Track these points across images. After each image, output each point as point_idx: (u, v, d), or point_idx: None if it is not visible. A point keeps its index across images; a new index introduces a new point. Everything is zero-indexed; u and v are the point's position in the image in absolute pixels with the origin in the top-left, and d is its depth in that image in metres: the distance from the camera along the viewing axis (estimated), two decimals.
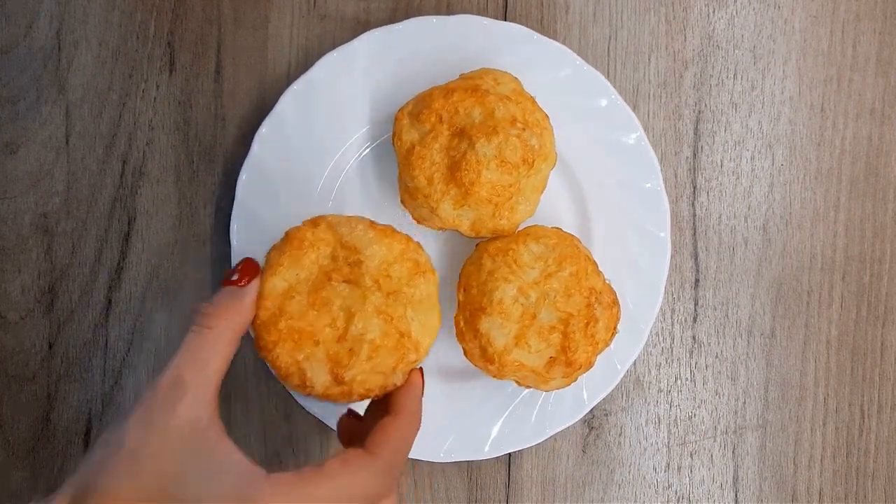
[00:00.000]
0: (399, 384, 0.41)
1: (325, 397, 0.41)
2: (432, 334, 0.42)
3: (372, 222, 0.42)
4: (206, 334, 0.37)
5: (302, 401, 0.52)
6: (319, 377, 0.40)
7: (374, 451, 0.37)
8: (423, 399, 0.42)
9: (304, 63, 0.54)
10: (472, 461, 0.55)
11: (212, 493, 0.33)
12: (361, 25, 0.54)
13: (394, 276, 0.41)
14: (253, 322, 0.41)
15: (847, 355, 0.56)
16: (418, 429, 0.41)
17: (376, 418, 0.41)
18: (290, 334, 0.40)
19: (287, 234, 0.42)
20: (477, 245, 0.50)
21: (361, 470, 0.36)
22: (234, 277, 0.40)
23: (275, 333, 0.40)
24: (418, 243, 0.43)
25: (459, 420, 0.53)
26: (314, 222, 0.42)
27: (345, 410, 0.45)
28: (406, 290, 0.41)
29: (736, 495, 0.56)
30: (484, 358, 0.48)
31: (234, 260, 0.52)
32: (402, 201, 0.50)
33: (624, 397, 0.56)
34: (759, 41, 0.56)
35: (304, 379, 0.40)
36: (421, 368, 0.43)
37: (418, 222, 0.50)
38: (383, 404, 0.42)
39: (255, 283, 0.40)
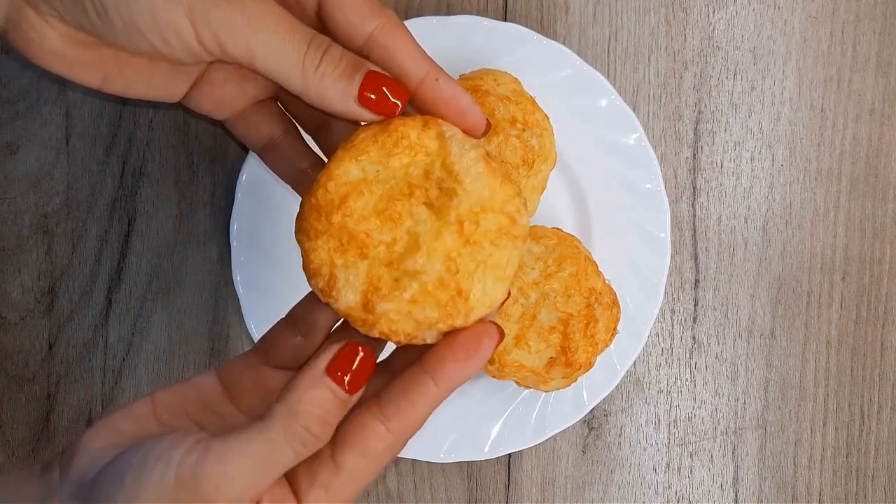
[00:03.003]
0: (429, 342, 0.34)
1: (344, 316, 0.34)
2: (490, 306, 0.35)
3: (486, 154, 0.35)
4: (302, 454, 0.30)
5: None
6: (349, 293, 0.34)
7: (398, 431, 0.31)
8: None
9: None
10: (471, 461, 0.55)
11: None
12: None
13: (482, 226, 0.34)
14: (303, 197, 0.35)
15: (847, 356, 0.56)
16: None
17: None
18: (339, 232, 0.33)
19: (389, 122, 0.34)
20: None
21: (385, 456, 0.32)
22: (348, 383, 0.31)
23: (324, 223, 0.34)
24: (525, 200, 0.35)
25: (459, 420, 0.53)
26: (425, 122, 0.34)
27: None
28: (487, 247, 0.34)
29: (736, 496, 0.56)
30: None
31: (234, 260, 0.52)
32: None
33: (624, 398, 0.56)
34: (759, 42, 0.56)
35: (332, 287, 0.34)
36: (499, 329, 0.34)
37: None
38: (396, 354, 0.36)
39: (363, 388, 0.32)
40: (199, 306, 0.54)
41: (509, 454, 0.55)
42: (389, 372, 0.34)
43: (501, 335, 0.33)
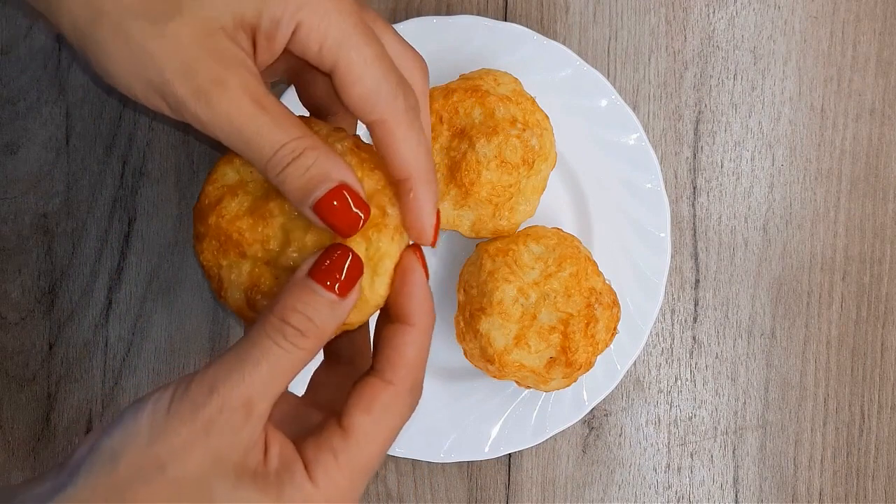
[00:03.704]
0: (355, 327, 0.33)
1: (237, 314, 0.35)
2: (377, 304, 0.33)
3: (357, 143, 0.34)
4: (292, 355, 0.30)
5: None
6: (235, 292, 0.34)
7: (393, 378, 0.31)
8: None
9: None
10: (472, 461, 0.55)
11: None
12: None
13: None
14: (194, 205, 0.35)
15: (847, 355, 0.56)
16: (431, 335, 0.33)
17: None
18: (216, 232, 0.34)
19: None
20: (477, 245, 0.50)
21: (391, 410, 0.31)
22: (337, 282, 0.30)
23: (205, 226, 0.34)
24: (391, 192, 0.34)
25: (459, 420, 0.53)
26: (306, 122, 0.34)
27: None
28: (360, 242, 0.33)
29: (736, 496, 0.56)
30: (484, 358, 0.48)
31: None
32: None
33: (624, 398, 0.56)
34: (759, 42, 0.56)
35: (221, 287, 0.34)
36: (419, 251, 0.33)
37: None
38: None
39: (356, 292, 0.31)
40: (199, 306, 0.54)
41: (509, 454, 0.55)
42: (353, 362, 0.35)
43: (419, 251, 0.33)
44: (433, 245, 0.34)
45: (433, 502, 0.55)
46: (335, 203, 0.30)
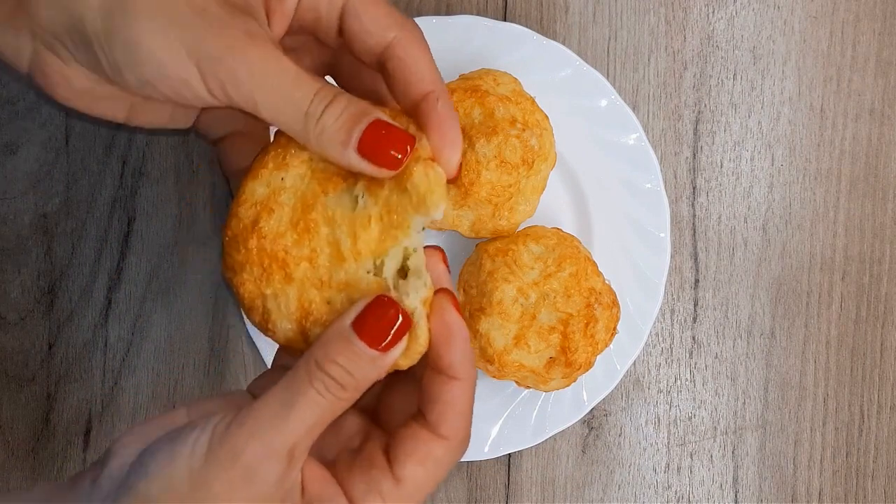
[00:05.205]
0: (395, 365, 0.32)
1: (287, 347, 0.33)
2: (418, 350, 0.31)
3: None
4: (336, 406, 0.30)
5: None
6: (285, 324, 0.31)
7: (447, 433, 0.31)
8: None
9: None
10: (471, 461, 0.55)
11: None
12: None
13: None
14: (223, 234, 0.32)
15: (847, 355, 0.56)
16: (475, 383, 0.33)
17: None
18: (259, 257, 0.31)
19: (277, 134, 0.33)
20: (476, 246, 0.50)
21: (443, 463, 0.31)
22: (383, 342, 0.30)
23: (244, 253, 0.31)
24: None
25: None
26: None
27: None
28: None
29: (736, 496, 0.56)
30: (484, 358, 0.48)
31: None
32: None
33: (623, 398, 0.56)
34: (759, 42, 0.56)
35: (268, 320, 0.32)
36: (455, 301, 0.32)
37: None
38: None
39: (401, 347, 0.31)
40: (198, 306, 0.54)
41: (509, 454, 0.55)
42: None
43: (453, 296, 0.32)
44: (457, 175, 0.33)
45: (433, 502, 0.55)
46: (382, 133, 0.30)
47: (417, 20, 0.51)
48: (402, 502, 0.31)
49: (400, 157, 0.31)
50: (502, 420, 0.53)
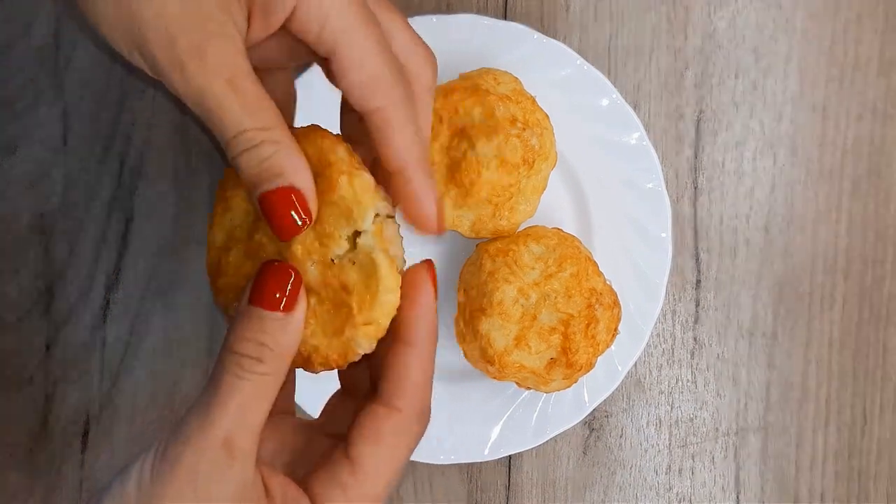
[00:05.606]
0: (363, 353, 0.31)
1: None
2: (389, 313, 0.31)
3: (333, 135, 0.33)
4: (256, 382, 0.29)
5: None
6: None
7: (399, 404, 0.30)
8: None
9: (304, 63, 0.54)
10: (472, 463, 0.54)
11: None
12: None
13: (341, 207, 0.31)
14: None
15: (849, 357, 0.56)
16: (434, 353, 0.32)
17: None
18: (234, 290, 0.32)
19: (222, 180, 0.34)
20: (477, 246, 0.50)
21: (399, 439, 0.30)
22: (281, 300, 0.29)
23: (217, 286, 0.33)
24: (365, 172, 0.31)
25: (459, 422, 0.52)
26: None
27: None
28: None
29: (738, 497, 0.56)
30: (484, 359, 0.48)
31: None
32: None
33: (625, 399, 0.55)
34: (761, 41, 0.55)
35: None
36: (431, 267, 0.32)
37: None
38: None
39: (303, 303, 0.30)
40: (197, 307, 0.54)
41: (510, 456, 0.55)
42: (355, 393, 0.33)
43: (432, 269, 0.32)
44: (440, 232, 0.33)
45: None
46: (278, 203, 0.29)
47: (417, 19, 0.51)
48: (361, 488, 0.29)
49: (300, 224, 0.30)
50: (503, 421, 0.52)
